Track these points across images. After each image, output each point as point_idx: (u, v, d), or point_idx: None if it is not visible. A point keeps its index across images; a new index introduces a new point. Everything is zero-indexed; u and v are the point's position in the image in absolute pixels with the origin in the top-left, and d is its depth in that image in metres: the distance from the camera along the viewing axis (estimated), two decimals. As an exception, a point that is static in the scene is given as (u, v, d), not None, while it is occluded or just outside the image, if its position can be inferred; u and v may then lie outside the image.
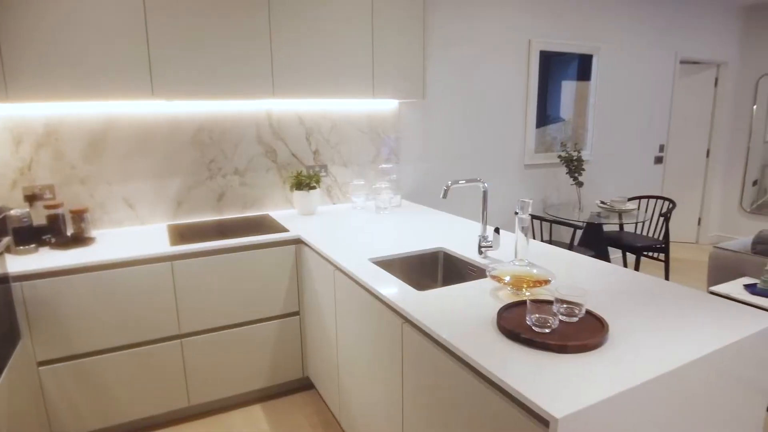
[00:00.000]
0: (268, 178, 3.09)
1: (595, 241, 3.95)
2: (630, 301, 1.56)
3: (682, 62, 5.26)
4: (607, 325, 1.32)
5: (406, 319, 1.55)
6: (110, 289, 2.21)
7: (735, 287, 2.79)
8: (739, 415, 1.40)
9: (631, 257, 5.03)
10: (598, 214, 3.87)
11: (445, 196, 1.90)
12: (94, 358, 2.24)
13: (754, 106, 5.61)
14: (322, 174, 3.25)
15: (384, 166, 3.46)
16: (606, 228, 4.54)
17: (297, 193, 2.98)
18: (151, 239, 2.48)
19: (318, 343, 2.49)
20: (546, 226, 4.23)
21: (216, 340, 2.49)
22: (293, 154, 3.15)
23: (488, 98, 3.86)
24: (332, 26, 2.76)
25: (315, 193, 3.00)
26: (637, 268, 3.96)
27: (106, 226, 2.72)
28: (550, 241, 3.65)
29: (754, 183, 5.89)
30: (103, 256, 2.19)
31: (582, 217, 3.79)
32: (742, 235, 5.89)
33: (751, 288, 2.75)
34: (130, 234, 2.61)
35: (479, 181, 1.96)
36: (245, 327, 2.54)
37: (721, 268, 3.12)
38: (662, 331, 1.35)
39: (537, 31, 4.00)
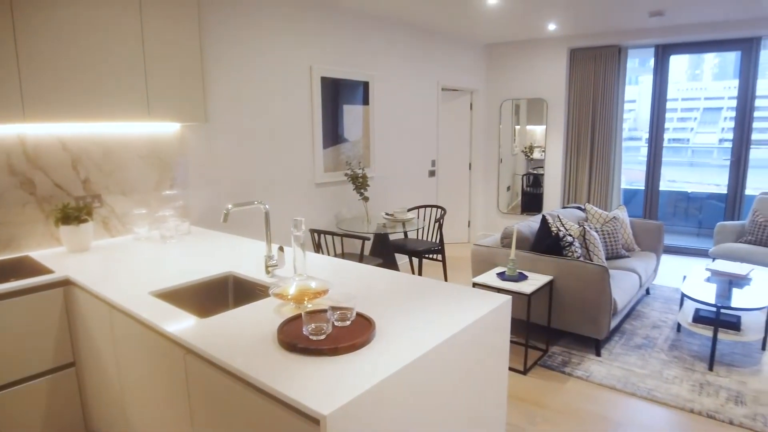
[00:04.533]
0: (26, 213, 2.69)
1: (383, 249, 4.33)
2: (398, 299, 1.78)
3: (443, 89, 6.12)
4: (374, 324, 1.50)
5: (189, 350, 1.52)
6: None
7: (490, 276, 3.36)
8: (489, 377, 1.71)
9: (416, 260, 5.62)
10: (384, 225, 4.25)
11: (225, 219, 1.92)
12: None
13: (500, 125, 6.81)
14: (96, 205, 2.95)
15: (168, 192, 3.29)
16: (393, 237, 5.00)
17: (64, 229, 2.66)
18: None
19: (101, 393, 2.25)
20: (338, 240, 4.48)
21: (-39, 413, 2.07)
22: (57, 185, 2.80)
23: (276, 121, 3.97)
24: (96, 43, 2.55)
25: (87, 227, 2.71)
26: (420, 270, 4.46)
27: None
28: (343, 254, 3.90)
29: (508, 188, 7.12)
30: None
31: (370, 228, 4.13)
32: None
33: (501, 275, 3.34)
34: None
35: (260, 203, 2.02)
36: (4, 392, 2.16)
37: (481, 262, 3.71)
38: (423, 321, 1.58)
39: (317, 58, 4.25)
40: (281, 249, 2.01)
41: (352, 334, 1.44)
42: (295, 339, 1.40)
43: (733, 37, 5.51)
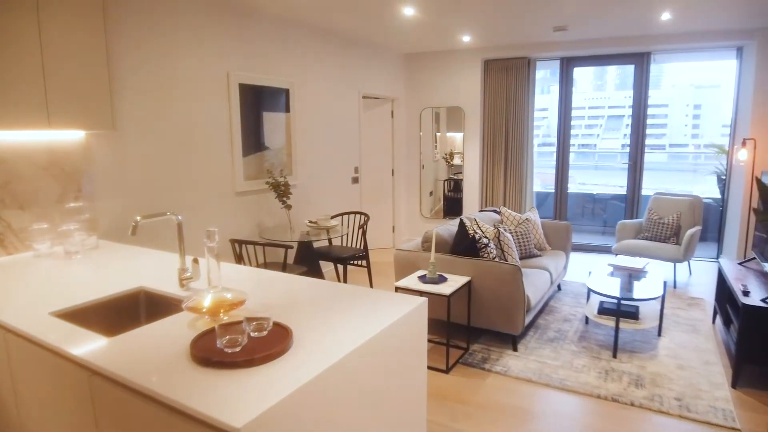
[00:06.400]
0: None
1: (307, 257, 4.31)
2: (318, 307, 1.79)
3: (364, 97, 6.19)
4: (292, 332, 1.50)
5: (93, 371, 1.44)
6: None
7: (412, 280, 3.44)
8: (408, 377, 1.76)
9: (341, 267, 5.63)
10: (308, 233, 4.23)
11: (133, 232, 1.84)
12: None
13: (420, 133, 6.99)
14: (-13, 221, 2.71)
15: (73, 204, 3.09)
16: (317, 244, 4.98)
17: (-51, 248, 2.42)
18: None
19: (-5, 425, 2.06)
20: (261, 249, 4.39)
21: None
22: (-60, 200, 2.54)
23: (192, 129, 3.84)
24: (-19, 48, 2.35)
25: (-23, 245, 2.48)
26: (345, 276, 4.48)
27: None
28: (266, 264, 3.83)
29: (431, 194, 7.32)
30: None
31: (293, 237, 4.09)
32: (425, 237, 7.21)
33: (423, 278, 3.43)
34: None
35: (172, 213, 1.95)
36: None
37: (404, 266, 3.79)
38: (342, 328, 1.59)
39: (234, 64, 4.17)
40: (195, 261, 1.95)
41: (268, 344, 1.43)
42: (208, 353, 1.37)
43: (627, 52, 6.03)
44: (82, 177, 3.13)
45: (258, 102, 4.45)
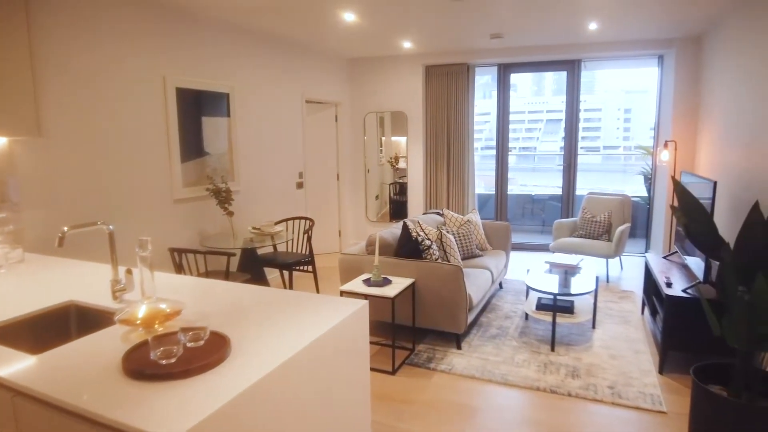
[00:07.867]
0: None
1: (251, 264, 4.24)
2: (259, 314, 1.78)
3: (308, 102, 6.17)
4: (230, 340, 1.48)
5: (18, 391, 1.37)
6: None
7: (357, 283, 3.46)
8: (351, 378, 1.77)
9: (287, 273, 5.57)
10: (251, 239, 4.17)
11: (60, 244, 1.76)
12: None
13: (365, 137, 7.04)
14: None
15: (-5, 216, 2.91)
16: (262, 251, 4.92)
17: None
18: None
19: None
20: (202, 258, 4.29)
21: None
22: None
23: (126, 134, 3.70)
24: None
25: None
26: (290, 283, 4.44)
27: None
28: (207, 273, 3.74)
29: (377, 197, 7.37)
30: None
31: (236, 244, 4.02)
32: (372, 240, 7.24)
33: (367, 281, 3.46)
34: None
35: (102, 223, 1.89)
36: None
37: (349, 270, 3.81)
38: (282, 334, 1.59)
39: (171, 68, 4.05)
40: (129, 272, 1.89)
41: (205, 353, 1.41)
42: (142, 365, 1.34)
43: (560, 59, 6.32)
44: (5, 186, 2.96)
45: (197, 106, 4.34)
